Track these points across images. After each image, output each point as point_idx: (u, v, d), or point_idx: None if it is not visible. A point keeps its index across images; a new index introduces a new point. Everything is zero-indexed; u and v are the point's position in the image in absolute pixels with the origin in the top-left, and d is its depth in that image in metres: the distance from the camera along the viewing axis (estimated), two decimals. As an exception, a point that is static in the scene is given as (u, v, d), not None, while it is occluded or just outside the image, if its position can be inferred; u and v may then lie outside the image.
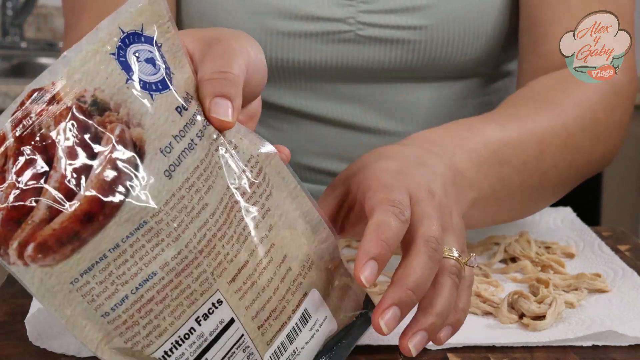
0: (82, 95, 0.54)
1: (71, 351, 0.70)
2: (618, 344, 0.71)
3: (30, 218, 0.53)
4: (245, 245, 0.59)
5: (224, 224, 0.58)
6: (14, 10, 2.45)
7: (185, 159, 0.57)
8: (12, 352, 0.70)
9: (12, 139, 0.53)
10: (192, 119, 0.58)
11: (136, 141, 0.55)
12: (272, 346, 0.60)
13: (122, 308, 0.55)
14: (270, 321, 0.60)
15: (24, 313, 0.71)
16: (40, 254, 0.53)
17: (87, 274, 0.54)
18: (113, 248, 0.54)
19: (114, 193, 0.54)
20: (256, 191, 0.60)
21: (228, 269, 0.58)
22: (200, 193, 0.57)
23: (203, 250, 0.57)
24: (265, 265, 0.60)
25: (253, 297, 0.59)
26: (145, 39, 0.57)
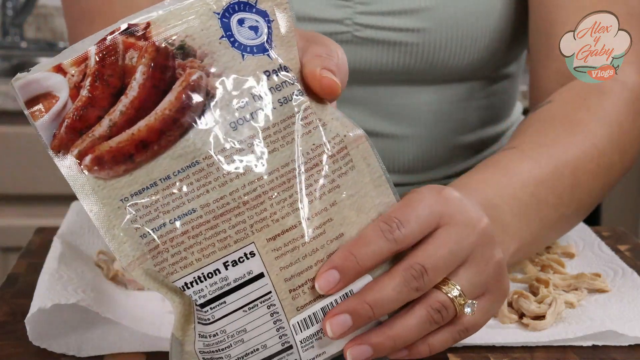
0: (171, 37, 0.58)
1: (71, 351, 0.70)
2: (618, 344, 0.71)
3: (92, 132, 0.57)
4: (298, 212, 0.59)
5: (279, 186, 0.59)
6: (14, 10, 2.45)
7: (257, 117, 0.59)
8: (12, 352, 0.70)
9: (95, 61, 0.57)
10: (279, 85, 0.60)
11: (211, 89, 0.58)
12: (302, 313, 0.60)
13: (157, 233, 0.58)
14: (304, 288, 0.60)
15: (24, 313, 0.71)
16: (97, 167, 0.57)
17: (136, 196, 0.58)
18: (164, 178, 0.58)
19: (172, 128, 0.57)
20: (330, 166, 0.60)
21: (270, 227, 0.59)
22: (264, 149, 0.59)
23: (248, 202, 0.58)
24: (313, 236, 0.60)
25: (291, 261, 0.59)
26: (257, 10, 0.60)
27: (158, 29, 0.58)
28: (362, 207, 0.61)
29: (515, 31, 0.98)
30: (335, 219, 0.60)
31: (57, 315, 0.71)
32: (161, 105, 0.57)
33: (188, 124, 0.58)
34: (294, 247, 0.59)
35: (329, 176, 0.60)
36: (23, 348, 0.70)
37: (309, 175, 0.60)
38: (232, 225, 0.58)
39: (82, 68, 0.57)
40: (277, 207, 0.59)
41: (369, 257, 0.60)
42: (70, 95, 0.57)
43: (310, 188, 0.60)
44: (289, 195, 0.59)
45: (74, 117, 0.57)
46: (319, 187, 0.60)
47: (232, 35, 0.59)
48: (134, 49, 0.58)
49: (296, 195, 0.59)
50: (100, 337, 0.71)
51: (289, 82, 0.60)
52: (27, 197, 1.95)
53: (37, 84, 0.57)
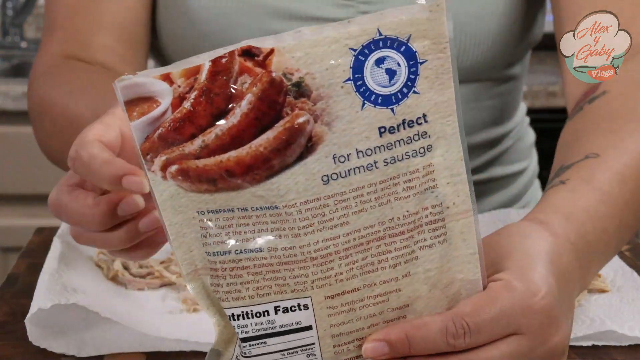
0: (291, 73, 0.55)
1: (71, 351, 0.70)
2: (618, 344, 0.71)
3: (182, 147, 0.56)
4: (366, 276, 0.57)
5: (354, 247, 0.57)
6: (14, 10, 2.45)
7: (355, 175, 0.56)
8: (12, 352, 0.70)
9: (205, 76, 0.55)
10: (391, 144, 0.56)
11: (314, 137, 0.55)
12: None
13: (221, 258, 0.57)
14: (350, 346, 0.59)
15: (24, 313, 0.71)
16: (180, 177, 0.56)
17: (212, 214, 0.57)
18: (241, 209, 0.56)
19: (261, 167, 0.55)
20: (415, 237, 0.58)
21: (332, 286, 0.57)
22: (347, 211, 0.56)
23: (315, 258, 0.57)
24: (375, 302, 0.58)
25: (344, 320, 0.58)
26: (406, 49, 0.56)
27: (280, 58, 0.55)
28: (439, 282, 0.59)
29: (518, 33, 0.98)
30: (404, 290, 0.58)
31: (57, 315, 0.71)
32: (257, 140, 0.55)
33: (278, 167, 0.55)
34: (350, 309, 0.58)
35: (409, 246, 0.58)
36: (23, 348, 0.70)
37: (391, 242, 0.57)
38: (293, 275, 0.57)
39: (191, 81, 0.55)
40: (345, 267, 0.57)
41: (421, 348, 0.58)
42: (172, 104, 0.56)
43: (388, 255, 0.57)
44: (361, 258, 0.57)
45: (169, 127, 0.56)
46: (397, 255, 0.58)
47: (360, 78, 0.55)
48: (249, 74, 0.55)
49: (370, 259, 0.57)
50: (100, 337, 0.71)
51: (407, 141, 0.57)
52: (27, 197, 1.95)
53: (141, 88, 0.56)
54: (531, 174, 1.16)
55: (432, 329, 0.57)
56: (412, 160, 0.57)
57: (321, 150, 0.56)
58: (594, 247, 0.67)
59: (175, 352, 0.70)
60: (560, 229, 0.65)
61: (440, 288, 0.59)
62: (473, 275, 0.59)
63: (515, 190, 1.12)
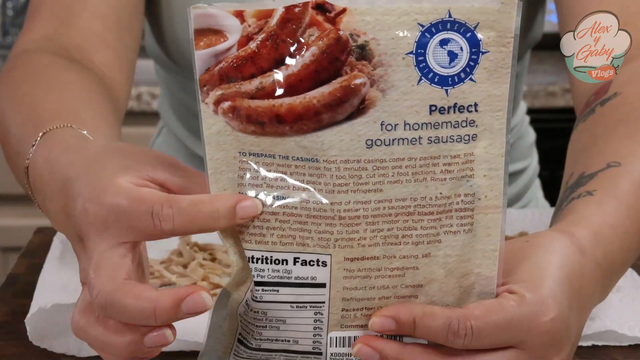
0: (357, 34, 0.56)
1: (71, 351, 0.70)
2: (618, 344, 0.71)
3: (240, 84, 0.57)
4: (387, 247, 0.58)
5: (382, 216, 0.58)
6: (14, 10, 2.45)
7: (398, 146, 0.57)
8: (12, 352, 0.70)
9: (276, 21, 0.57)
10: (438, 124, 0.57)
11: (367, 100, 0.57)
12: (343, 331, 0.60)
13: None
14: (357, 313, 0.60)
15: (24, 313, 0.71)
16: (231, 114, 0.57)
17: (253, 156, 0.58)
18: (282, 156, 0.58)
19: (311, 119, 0.57)
20: (443, 221, 0.59)
21: (354, 249, 0.58)
22: (383, 179, 0.57)
23: (344, 218, 0.58)
24: (391, 274, 0.59)
25: (357, 285, 0.59)
26: (471, 36, 0.57)
27: (350, 18, 0.56)
28: (456, 270, 0.59)
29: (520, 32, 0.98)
30: (421, 270, 0.59)
31: (57, 315, 0.71)
32: (312, 92, 0.57)
33: (327, 122, 0.57)
34: (366, 275, 0.59)
35: (435, 228, 0.59)
36: (23, 348, 0.70)
37: (418, 219, 0.58)
38: (319, 230, 0.58)
39: (261, 23, 0.57)
40: (369, 234, 0.58)
41: (424, 334, 0.58)
42: (239, 42, 0.57)
43: (413, 231, 0.58)
44: (387, 228, 0.58)
45: (231, 63, 0.57)
46: (421, 234, 0.59)
47: (422, 54, 0.57)
48: (318, 28, 0.57)
49: (395, 232, 0.58)
50: (100, 337, 0.71)
51: (454, 125, 0.58)
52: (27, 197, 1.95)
53: (212, 19, 0.57)
54: (531, 173, 1.16)
55: (437, 321, 0.58)
56: (455, 144, 0.58)
57: (371, 114, 0.57)
58: (617, 265, 0.68)
59: (175, 352, 0.70)
60: (588, 247, 0.65)
61: (456, 276, 0.59)
62: (490, 272, 0.60)
63: (516, 189, 1.12)
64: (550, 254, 0.62)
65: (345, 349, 0.60)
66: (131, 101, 2.01)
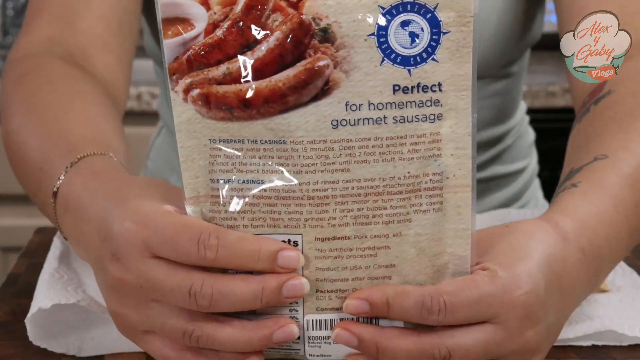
0: (320, 18, 0.58)
1: (71, 351, 0.70)
2: (618, 344, 0.71)
3: (208, 71, 0.59)
4: (358, 227, 0.59)
5: (351, 196, 0.59)
6: (14, 10, 2.45)
7: (363, 126, 0.59)
8: (12, 352, 0.70)
9: (241, 8, 0.59)
10: (402, 103, 0.59)
11: (330, 82, 0.58)
12: (319, 314, 0.61)
13: (223, 186, 0.60)
14: (332, 295, 0.60)
15: (24, 313, 0.71)
16: (200, 101, 0.59)
17: (223, 143, 0.59)
18: (251, 140, 0.59)
19: (277, 101, 0.58)
20: (412, 200, 0.60)
21: (324, 229, 0.59)
22: (350, 158, 0.59)
23: (312, 198, 0.59)
24: (363, 254, 0.60)
25: (329, 266, 0.60)
26: (431, 17, 0.59)
27: (313, 3, 0.58)
28: (428, 249, 0.60)
29: (518, 31, 0.98)
30: (393, 249, 0.60)
31: (57, 315, 0.71)
32: (278, 75, 0.58)
33: (293, 104, 0.58)
34: (338, 256, 0.60)
35: (405, 207, 0.60)
36: (23, 348, 0.70)
37: (388, 199, 0.59)
38: (288, 211, 0.59)
39: (227, 10, 0.59)
40: (339, 213, 0.59)
41: (398, 314, 0.59)
42: (206, 29, 0.59)
43: (383, 211, 0.59)
44: (357, 208, 0.59)
45: (198, 51, 0.59)
46: (391, 213, 0.59)
47: (384, 36, 0.58)
48: (281, 13, 0.59)
49: (365, 212, 0.59)
50: (100, 337, 0.71)
51: (419, 104, 0.59)
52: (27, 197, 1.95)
53: (179, 8, 0.58)
54: (531, 173, 1.16)
55: (410, 299, 0.58)
56: (421, 124, 0.59)
57: (335, 95, 0.58)
58: (605, 253, 0.68)
59: (175, 352, 0.70)
60: (572, 234, 0.65)
61: (428, 255, 0.60)
62: (463, 251, 0.61)
63: (516, 189, 1.12)
64: (530, 238, 0.63)
65: (323, 332, 0.61)
66: (131, 101, 2.01)
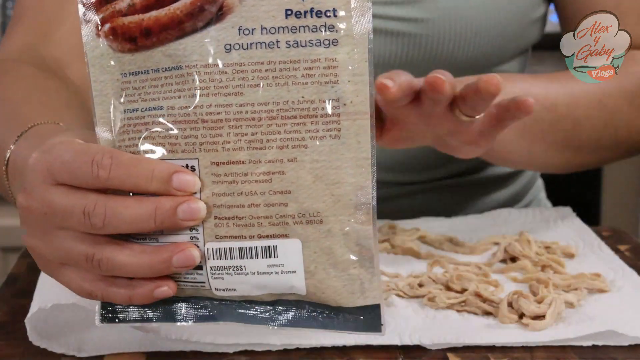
0: None
1: (71, 351, 0.70)
2: (618, 344, 0.71)
3: (115, 4, 0.61)
4: (252, 152, 0.61)
5: (245, 120, 0.60)
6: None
7: (256, 50, 0.60)
8: (12, 352, 0.70)
9: None
10: (295, 28, 0.60)
11: (224, 7, 0.60)
12: (219, 243, 0.61)
13: (129, 115, 0.62)
14: (229, 222, 0.61)
15: (24, 313, 0.71)
16: (111, 36, 0.62)
17: (132, 75, 0.62)
18: (154, 70, 0.61)
19: (174, 28, 0.61)
20: (308, 125, 0.61)
21: (219, 153, 0.61)
22: (244, 82, 0.60)
23: (206, 121, 0.61)
24: (258, 180, 0.61)
25: (225, 191, 0.61)
26: None
27: None
28: (325, 176, 0.61)
29: (520, 26, 0.98)
30: (288, 175, 0.61)
31: (57, 315, 0.71)
32: (176, 4, 0.60)
33: (189, 30, 0.60)
34: (233, 181, 0.61)
35: (300, 132, 0.61)
36: (23, 348, 0.70)
37: (282, 123, 0.60)
38: (185, 135, 0.61)
39: None
40: (233, 137, 0.60)
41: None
42: None
43: (277, 135, 0.60)
44: (251, 132, 0.60)
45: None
46: (286, 138, 0.60)
47: None
48: None
49: (259, 136, 0.60)
50: (100, 337, 0.71)
51: (313, 29, 0.60)
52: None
53: None
54: (532, 173, 1.16)
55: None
56: (315, 49, 0.60)
57: (229, 20, 0.60)
58: None
59: (175, 352, 0.70)
60: None
61: (325, 183, 0.61)
62: (364, 181, 0.61)
63: (516, 189, 1.12)
64: None
65: (224, 262, 0.62)
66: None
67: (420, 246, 0.91)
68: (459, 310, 0.76)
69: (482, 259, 0.89)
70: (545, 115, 0.89)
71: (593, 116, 0.91)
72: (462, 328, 0.73)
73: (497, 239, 0.91)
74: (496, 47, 0.97)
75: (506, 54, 1.00)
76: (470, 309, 0.76)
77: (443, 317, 0.75)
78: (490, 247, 0.91)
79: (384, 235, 0.92)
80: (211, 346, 0.70)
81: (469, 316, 0.76)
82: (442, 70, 0.71)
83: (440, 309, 0.76)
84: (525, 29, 1.00)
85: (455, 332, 0.71)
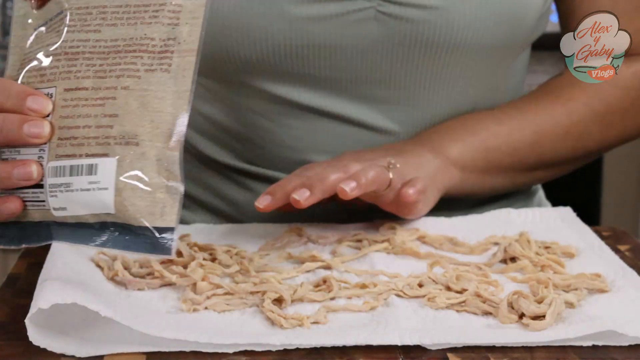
0: None
1: (71, 351, 0.70)
2: (618, 344, 0.71)
3: None
4: (96, 80, 0.70)
5: (97, 54, 0.71)
6: (14, 10, 2.45)
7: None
8: (12, 352, 0.70)
9: None
10: None
11: None
12: (57, 162, 0.70)
13: (28, 57, 0.73)
14: (67, 143, 0.70)
15: (24, 313, 0.71)
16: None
17: (41, 27, 0.74)
18: (50, 18, 0.73)
19: None
20: (144, 59, 0.70)
21: (71, 81, 0.71)
22: (103, 22, 0.72)
23: (68, 54, 0.72)
24: (94, 104, 0.70)
25: (69, 114, 0.71)
26: None
27: None
28: (149, 104, 0.70)
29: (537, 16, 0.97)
30: (119, 100, 0.70)
31: (57, 315, 0.71)
32: None
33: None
34: (76, 104, 0.70)
35: (136, 65, 0.70)
36: (23, 348, 0.70)
37: (124, 56, 0.70)
38: (51, 66, 0.72)
39: None
40: (84, 67, 0.71)
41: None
42: None
43: (117, 67, 0.70)
44: (99, 64, 0.71)
45: None
46: (124, 68, 0.70)
47: None
48: None
49: (105, 67, 0.70)
50: (100, 337, 0.71)
51: None
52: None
53: None
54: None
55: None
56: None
57: None
58: None
59: (175, 352, 0.70)
60: None
61: (148, 110, 0.70)
62: (182, 112, 0.70)
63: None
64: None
65: (59, 179, 0.70)
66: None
67: (420, 246, 0.91)
68: (459, 311, 0.76)
69: (482, 259, 0.89)
70: (507, 160, 0.97)
71: (559, 147, 0.99)
72: (462, 328, 0.73)
73: (497, 239, 0.91)
74: (515, 34, 0.96)
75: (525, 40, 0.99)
76: (470, 309, 0.76)
77: (443, 317, 0.75)
78: (490, 247, 0.91)
79: (384, 235, 0.92)
80: (211, 346, 0.70)
81: (469, 316, 0.76)
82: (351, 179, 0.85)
83: (440, 309, 0.76)
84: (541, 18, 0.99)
85: (455, 332, 0.71)
